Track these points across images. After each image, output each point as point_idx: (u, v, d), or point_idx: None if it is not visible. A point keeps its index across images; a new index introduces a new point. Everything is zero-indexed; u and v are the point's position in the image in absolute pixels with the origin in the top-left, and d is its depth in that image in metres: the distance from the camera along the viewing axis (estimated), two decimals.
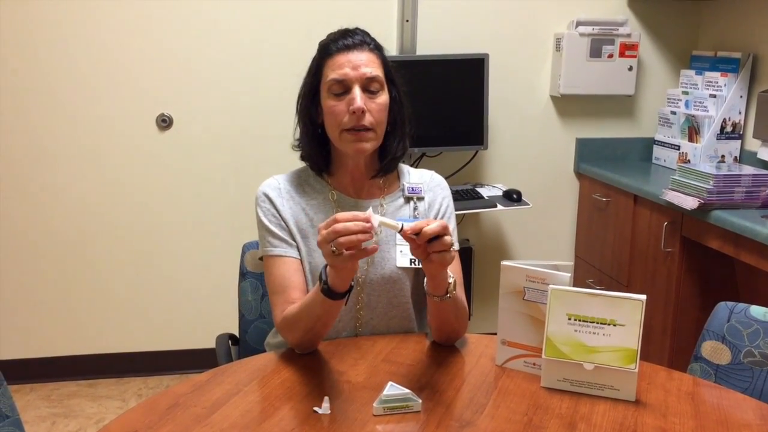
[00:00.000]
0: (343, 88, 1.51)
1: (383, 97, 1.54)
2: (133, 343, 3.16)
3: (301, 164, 1.67)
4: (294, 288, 1.52)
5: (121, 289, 3.10)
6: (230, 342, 1.85)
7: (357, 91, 1.49)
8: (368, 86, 1.51)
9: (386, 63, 1.57)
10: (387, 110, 1.55)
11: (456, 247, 1.30)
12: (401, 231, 1.28)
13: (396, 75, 1.59)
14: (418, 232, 1.27)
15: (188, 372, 3.13)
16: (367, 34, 1.57)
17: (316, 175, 1.64)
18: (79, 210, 3.01)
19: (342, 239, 1.23)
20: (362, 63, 1.50)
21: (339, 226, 1.23)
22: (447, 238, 1.28)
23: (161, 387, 3.08)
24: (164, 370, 3.19)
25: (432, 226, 1.26)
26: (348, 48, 1.51)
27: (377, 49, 1.56)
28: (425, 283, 1.44)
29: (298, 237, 1.58)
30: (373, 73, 1.51)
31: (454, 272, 1.47)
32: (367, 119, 1.50)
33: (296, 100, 1.61)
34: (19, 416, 1.32)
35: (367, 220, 1.24)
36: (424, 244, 1.28)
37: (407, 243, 1.58)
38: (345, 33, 1.55)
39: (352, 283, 1.37)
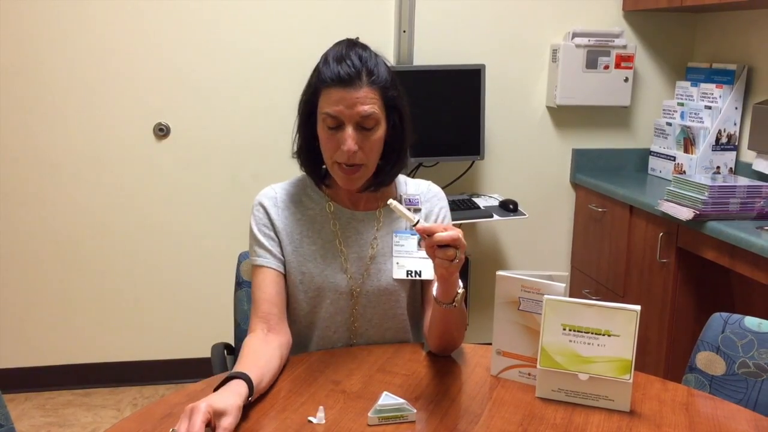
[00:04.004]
0: (337, 122, 1.46)
1: (378, 133, 1.49)
2: (129, 353, 3.15)
3: (300, 173, 1.67)
4: (264, 300, 1.52)
5: (116, 298, 3.10)
6: (225, 351, 1.84)
7: (350, 131, 1.45)
8: (363, 123, 1.46)
9: (385, 90, 1.48)
10: (382, 141, 1.52)
11: (461, 256, 1.31)
12: (415, 225, 1.30)
13: (400, 100, 1.53)
14: (430, 234, 1.28)
15: (183, 381, 3.12)
16: (365, 61, 1.46)
17: (314, 185, 1.64)
18: (74, 219, 3.01)
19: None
20: (358, 100, 1.44)
21: None
22: (451, 251, 1.28)
23: (156, 396, 3.07)
24: (159, 380, 3.18)
25: (445, 235, 1.27)
26: (344, 83, 1.43)
27: (374, 83, 1.46)
28: (434, 289, 1.44)
29: (289, 248, 1.58)
30: (368, 111, 1.45)
31: None
32: (359, 157, 1.47)
33: (297, 108, 1.57)
34: (13, 425, 1.31)
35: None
36: (434, 246, 1.29)
37: (403, 256, 1.59)
38: (341, 58, 1.45)
39: (250, 399, 1.28)
